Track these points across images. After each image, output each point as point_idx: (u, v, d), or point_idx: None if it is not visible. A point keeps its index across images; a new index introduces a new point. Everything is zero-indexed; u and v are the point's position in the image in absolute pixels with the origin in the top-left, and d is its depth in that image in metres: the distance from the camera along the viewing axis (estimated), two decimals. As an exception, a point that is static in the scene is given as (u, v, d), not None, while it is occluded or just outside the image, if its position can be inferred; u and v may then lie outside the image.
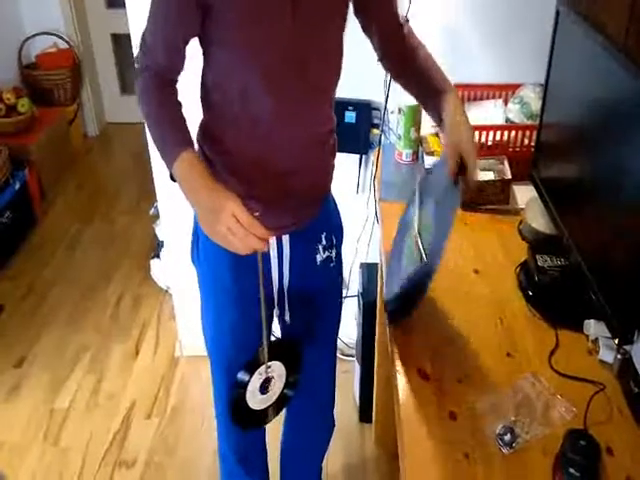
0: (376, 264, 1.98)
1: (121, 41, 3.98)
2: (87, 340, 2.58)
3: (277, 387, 1.30)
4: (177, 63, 1.18)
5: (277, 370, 1.29)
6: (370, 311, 1.93)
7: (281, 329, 1.52)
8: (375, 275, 1.95)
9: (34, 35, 3.71)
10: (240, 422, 1.30)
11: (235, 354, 1.38)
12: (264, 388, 1.28)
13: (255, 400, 1.27)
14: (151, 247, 2.95)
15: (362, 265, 2.07)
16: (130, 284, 2.90)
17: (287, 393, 1.33)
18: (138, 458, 2.10)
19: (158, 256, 2.78)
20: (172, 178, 1.13)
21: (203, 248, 1.33)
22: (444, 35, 1.85)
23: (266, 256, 1.29)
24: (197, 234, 1.34)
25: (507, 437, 1.00)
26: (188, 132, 1.14)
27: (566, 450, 0.94)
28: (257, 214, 1.04)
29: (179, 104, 1.19)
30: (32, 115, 3.40)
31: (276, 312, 1.44)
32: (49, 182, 3.50)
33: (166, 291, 2.76)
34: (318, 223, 1.34)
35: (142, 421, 2.23)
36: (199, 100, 1.25)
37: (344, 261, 1.49)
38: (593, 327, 1.16)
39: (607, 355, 1.13)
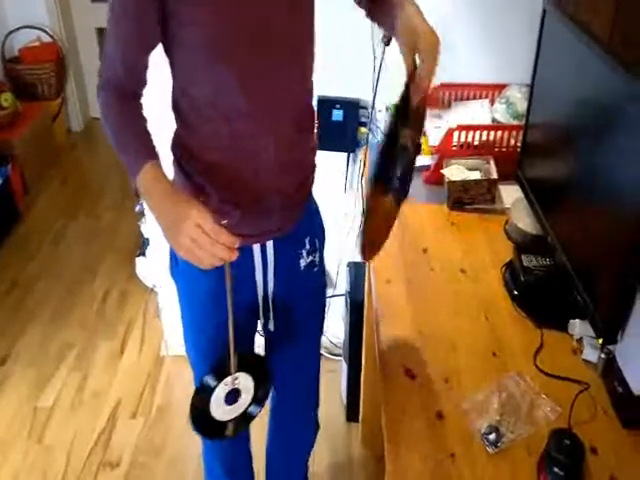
0: (363, 263, 1.98)
1: (106, 35, 3.94)
2: (72, 337, 2.57)
3: (243, 401, 1.24)
4: (139, 76, 1.14)
5: (245, 383, 1.24)
6: (357, 310, 1.93)
7: (265, 338, 1.50)
8: (362, 274, 1.95)
9: (17, 29, 3.66)
10: (198, 428, 1.23)
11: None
12: (231, 400, 1.23)
13: (219, 410, 1.22)
14: (137, 244, 2.93)
15: (349, 264, 2.07)
16: (116, 280, 2.88)
17: (251, 411, 1.24)
18: (123, 458, 2.09)
19: (144, 254, 2.76)
20: (137, 192, 1.10)
21: (181, 261, 1.27)
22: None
23: (250, 264, 1.27)
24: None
25: (492, 436, 1.01)
26: (152, 144, 1.11)
27: (551, 449, 0.94)
28: (225, 222, 0.99)
29: (143, 118, 1.15)
30: (15, 110, 3.37)
31: (260, 321, 1.42)
32: (32, 177, 3.47)
33: (152, 289, 2.74)
34: (301, 227, 1.31)
35: (127, 420, 2.22)
36: (171, 109, 1.21)
37: (331, 259, 1.49)
38: (578, 327, 1.17)
39: (591, 355, 1.14)
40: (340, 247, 2.16)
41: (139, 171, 1.05)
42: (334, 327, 2.31)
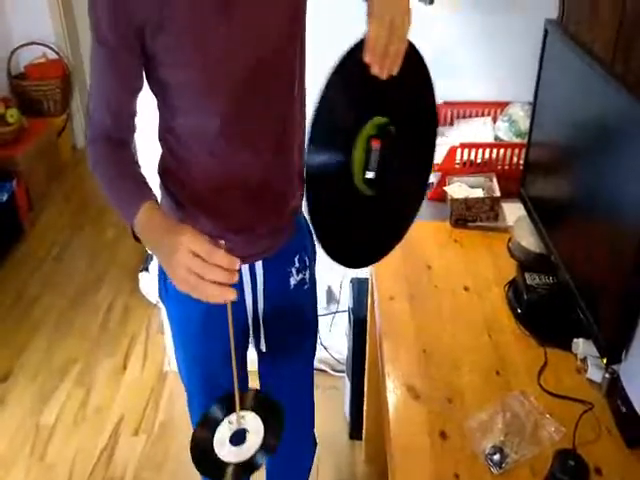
0: (366, 279, 1.98)
1: (111, 52, 3.97)
2: (75, 352, 2.57)
3: (252, 443, 1.07)
4: (127, 123, 1.12)
5: (252, 424, 1.10)
6: (361, 326, 1.93)
7: (258, 359, 1.48)
8: (365, 290, 1.95)
9: (24, 45, 3.70)
10: (197, 462, 1.08)
11: (210, 391, 1.36)
12: (238, 440, 1.08)
13: (223, 449, 1.07)
14: (140, 260, 2.94)
15: (353, 280, 2.07)
16: (119, 295, 2.89)
17: (257, 459, 1.05)
18: (126, 475, 2.08)
19: (147, 269, 2.76)
20: (135, 237, 1.05)
21: (171, 286, 1.26)
22: (433, 52, 1.86)
23: (239, 286, 1.25)
24: (163, 271, 1.27)
25: (496, 457, 1.00)
26: (148, 186, 1.07)
27: (555, 470, 0.94)
28: (222, 243, 0.91)
29: (136, 164, 1.12)
30: (21, 126, 3.39)
31: (251, 341, 1.40)
32: (37, 193, 3.48)
33: (155, 305, 2.74)
34: (291, 245, 1.30)
35: (130, 437, 2.21)
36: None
37: (334, 275, 1.48)
38: (581, 346, 1.17)
39: (595, 374, 1.13)
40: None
41: (135, 215, 1.01)
42: (337, 343, 2.31)
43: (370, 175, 0.99)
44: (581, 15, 1.49)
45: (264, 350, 1.41)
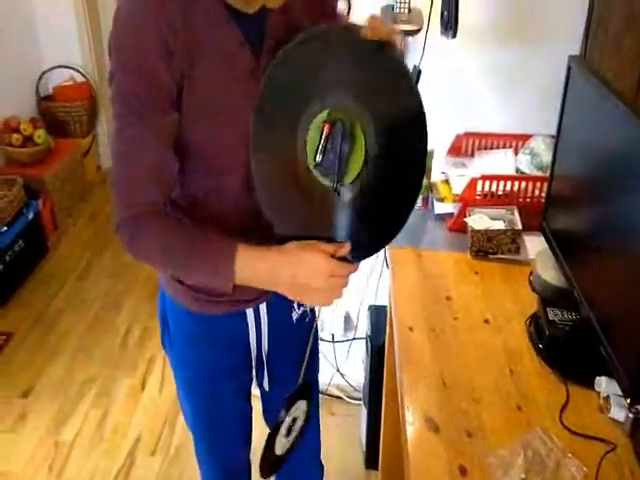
0: (384, 307, 1.98)
1: (137, 75, 4.05)
2: (94, 372, 2.59)
3: (298, 426, 1.22)
4: (172, 183, 1.03)
5: (301, 410, 1.23)
6: (378, 354, 1.93)
7: (262, 398, 1.47)
8: (384, 318, 1.96)
9: (52, 68, 3.79)
10: (268, 473, 1.19)
11: (218, 434, 1.38)
12: (288, 431, 1.20)
13: (280, 445, 1.19)
14: (160, 281, 2.97)
15: (370, 307, 2.08)
16: (139, 317, 2.91)
17: (303, 428, 1.25)
18: (141, 496, 2.09)
19: (167, 290, 2.79)
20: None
21: (174, 335, 1.27)
22: (455, 85, 1.88)
23: (244, 329, 1.25)
24: (166, 320, 1.29)
25: (517, 495, 1.00)
26: (222, 236, 1.01)
27: (577, 511, 0.93)
28: (347, 243, 1.00)
29: (188, 222, 1.06)
30: (48, 146, 3.46)
31: (254, 382, 1.39)
32: (62, 212, 3.54)
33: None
34: None
35: (146, 457, 2.22)
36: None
37: (352, 302, 1.47)
38: (604, 384, 1.16)
39: (618, 413, 1.12)
40: (361, 289, 2.17)
41: (233, 269, 0.96)
42: (354, 370, 2.30)
43: (318, 158, 0.97)
44: (604, 50, 1.50)
45: (267, 389, 1.40)
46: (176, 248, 1.01)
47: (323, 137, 0.97)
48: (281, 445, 1.19)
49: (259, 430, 1.46)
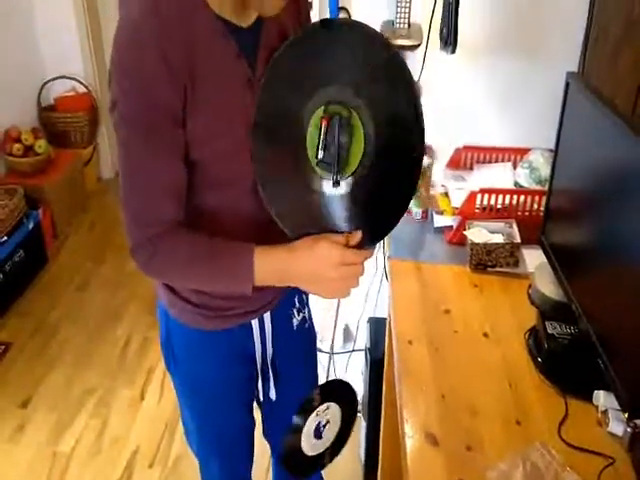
0: (384, 319, 1.99)
1: (138, 86, 4.07)
2: (93, 382, 2.59)
3: (332, 431, 1.21)
4: (184, 196, 1.03)
5: (332, 412, 1.21)
6: (377, 367, 1.93)
7: (265, 411, 1.46)
8: (383, 331, 1.96)
9: (54, 79, 3.81)
10: (294, 470, 1.20)
11: (225, 452, 1.39)
12: (319, 432, 1.19)
13: (310, 445, 1.18)
14: (160, 291, 2.98)
15: (370, 320, 2.08)
16: (138, 327, 2.92)
17: (344, 433, 1.25)
18: (140, 508, 2.08)
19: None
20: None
21: (180, 356, 1.28)
22: (454, 99, 1.90)
23: (250, 341, 1.26)
24: (170, 343, 1.28)
25: (516, 509, 1.00)
26: (237, 242, 1.03)
27: (575, 526, 0.94)
28: (358, 232, 1.01)
29: (203, 234, 1.05)
30: (49, 156, 3.47)
31: (261, 392, 1.38)
32: (62, 222, 3.55)
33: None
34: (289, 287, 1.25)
35: (145, 469, 2.22)
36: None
37: (352, 314, 1.48)
38: (602, 398, 1.17)
39: (617, 427, 1.13)
40: (360, 301, 2.18)
41: (252, 271, 0.99)
42: (353, 383, 2.30)
43: (319, 154, 0.99)
44: (601, 68, 1.52)
45: (274, 398, 1.40)
46: (195, 260, 1.03)
47: (322, 132, 0.98)
48: (311, 446, 1.18)
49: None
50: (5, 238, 2.94)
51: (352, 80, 0.99)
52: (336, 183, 1.00)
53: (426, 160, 1.76)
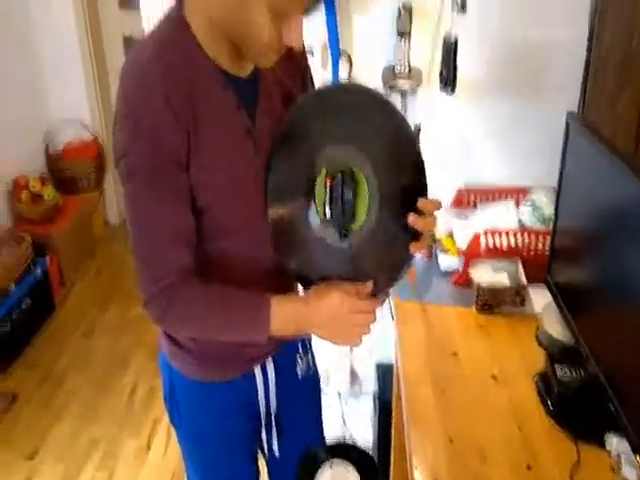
0: (391, 365, 1.97)
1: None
2: (100, 433, 2.56)
3: None
4: (194, 241, 1.03)
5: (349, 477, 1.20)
6: (386, 412, 1.90)
7: (270, 464, 1.42)
8: (391, 375, 1.94)
9: (61, 125, 3.87)
10: None
11: None
12: None
13: None
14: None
15: (378, 366, 2.05)
16: (144, 376, 2.89)
17: None
18: None
19: (173, 346, 2.78)
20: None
21: (183, 409, 1.26)
22: (455, 138, 1.92)
23: (253, 388, 1.25)
24: (173, 396, 1.26)
25: None
26: (253, 292, 1.04)
27: None
28: (368, 283, 1.03)
29: (217, 283, 1.05)
30: (56, 203, 3.50)
31: (265, 444, 1.35)
32: (69, 268, 3.56)
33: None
34: None
35: (151, 521, 2.18)
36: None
37: (360, 359, 1.46)
38: (615, 442, 1.14)
39: (630, 472, 1.10)
40: (368, 347, 2.15)
41: (268, 322, 1.00)
42: (361, 428, 2.26)
43: (327, 212, 1.02)
44: (601, 107, 1.53)
45: (277, 455, 1.36)
46: (210, 312, 1.03)
47: (327, 191, 1.01)
48: None
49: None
50: (13, 286, 2.95)
51: (356, 140, 1.02)
52: (344, 236, 1.03)
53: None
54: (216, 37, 0.99)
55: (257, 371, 1.24)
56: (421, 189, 1.02)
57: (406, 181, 1.03)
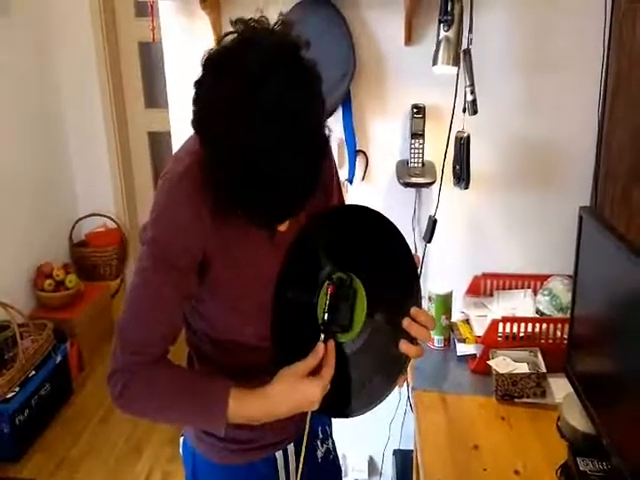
0: (410, 451, 1.94)
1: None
2: (113, 523, 2.50)
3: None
4: (174, 341, 1.07)
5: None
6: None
7: None
8: (410, 463, 1.90)
9: (87, 216, 3.99)
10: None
11: None
12: None
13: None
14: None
15: (395, 452, 2.02)
16: (159, 460, 2.84)
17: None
18: None
19: (190, 434, 2.75)
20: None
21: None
22: (471, 229, 1.96)
23: (274, 475, 1.25)
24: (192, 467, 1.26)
25: None
26: (215, 377, 1.07)
27: None
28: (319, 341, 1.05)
29: (182, 367, 1.11)
30: (78, 290, 3.56)
31: None
32: (88, 354, 3.58)
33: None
34: (313, 417, 1.21)
35: None
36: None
37: (376, 445, 1.43)
38: (643, 541, 1.11)
39: None
40: (384, 433, 2.12)
41: (226, 412, 1.01)
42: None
43: (326, 317, 1.07)
44: (614, 201, 1.57)
45: None
46: (169, 395, 1.03)
47: (328, 298, 1.07)
48: None
49: None
50: (33, 372, 2.96)
51: (357, 265, 1.09)
52: (338, 342, 1.08)
53: (447, 288, 1.78)
54: None
55: (278, 455, 1.25)
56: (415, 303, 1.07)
57: (402, 295, 1.07)
